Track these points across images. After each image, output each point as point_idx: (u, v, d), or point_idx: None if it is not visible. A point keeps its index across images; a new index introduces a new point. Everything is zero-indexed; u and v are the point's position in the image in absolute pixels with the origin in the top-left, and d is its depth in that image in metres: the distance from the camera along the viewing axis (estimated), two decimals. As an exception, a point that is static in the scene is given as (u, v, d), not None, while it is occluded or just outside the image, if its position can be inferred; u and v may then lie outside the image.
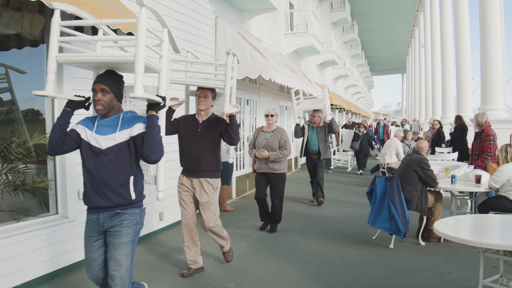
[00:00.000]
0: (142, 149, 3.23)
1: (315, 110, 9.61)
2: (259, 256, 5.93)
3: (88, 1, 4.00)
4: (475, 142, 7.70)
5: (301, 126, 9.65)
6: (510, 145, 6.17)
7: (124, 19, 4.42)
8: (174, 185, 5.38)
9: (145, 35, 3.02)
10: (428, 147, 7.94)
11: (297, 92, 10.16)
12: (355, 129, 16.97)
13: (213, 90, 5.00)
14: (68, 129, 3.38)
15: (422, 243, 6.39)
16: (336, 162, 17.55)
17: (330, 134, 9.90)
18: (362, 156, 15.70)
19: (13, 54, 5.22)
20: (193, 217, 5.15)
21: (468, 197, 7.35)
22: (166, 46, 3.50)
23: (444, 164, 8.33)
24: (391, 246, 6.25)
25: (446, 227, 4.04)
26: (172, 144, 5.36)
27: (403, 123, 22.67)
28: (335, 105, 22.91)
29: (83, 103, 3.46)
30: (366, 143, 15.67)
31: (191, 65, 5.50)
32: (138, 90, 2.96)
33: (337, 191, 11.43)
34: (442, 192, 6.81)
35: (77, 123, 3.42)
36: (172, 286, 4.89)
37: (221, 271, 5.34)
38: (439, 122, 13.80)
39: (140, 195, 3.44)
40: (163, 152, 3.34)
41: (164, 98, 3.37)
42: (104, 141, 3.28)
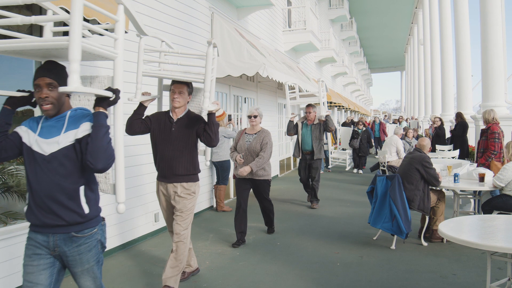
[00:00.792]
0: (86, 155, 2.61)
1: (310, 105, 9.03)
2: (257, 259, 5.75)
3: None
4: (481, 140, 7.52)
5: (294, 124, 9.09)
6: (515, 143, 6.00)
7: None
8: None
9: (81, 12, 2.34)
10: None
11: (292, 88, 9.74)
12: (354, 127, 16.58)
13: (190, 85, 4.53)
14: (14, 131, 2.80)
15: (425, 244, 6.22)
16: (334, 161, 17.16)
17: (326, 133, 9.51)
18: (363, 154, 15.34)
19: None
20: (171, 223, 4.74)
21: (472, 196, 7.17)
22: (121, 27, 2.96)
23: (447, 162, 8.15)
24: (393, 247, 6.07)
25: (452, 229, 3.86)
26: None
27: (400, 120, 22.50)
28: (334, 103, 22.75)
29: (29, 99, 2.89)
30: (366, 141, 15.34)
31: (172, 57, 5.01)
32: (72, 82, 2.38)
33: (337, 190, 11.26)
34: (445, 191, 6.62)
35: (21, 124, 2.83)
36: (166, 291, 4.71)
37: (217, 275, 5.16)
38: (440, 119, 13.62)
39: (96, 208, 2.84)
40: (113, 158, 2.72)
41: (117, 91, 2.80)
42: (47, 146, 2.68)
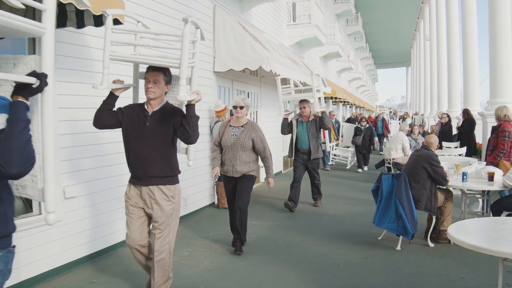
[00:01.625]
0: None
1: (303, 100, 8.39)
2: (257, 259, 5.56)
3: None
4: (491, 137, 7.29)
5: (289, 121, 8.46)
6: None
7: None
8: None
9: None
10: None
11: (286, 81, 9.04)
12: (357, 123, 16.09)
13: (167, 73, 3.92)
14: None
15: (431, 245, 6.02)
16: (335, 158, 16.24)
17: (323, 131, 9.04)
18: (366, 152, 14.75)
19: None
20: (142, 238, 4.05)
21: (480, 196, 6.96)
22: None
23: (454, 160, 7.93)
24: (398, 248, 5.88)
25: (461, 233, 3.66)
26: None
27: (405, 117, 22.19)
28: (339, 98, 22.51)
29: None
30: (369, 138, 14.78)
31: (148, 40, 4.08)
32: None
33: (340, 187, 11.06)
34: (452, 190, 6.41)
35: None
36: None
37: (216, 275, 4.98)
38: (448, 115, 13.41)
39: (6, 226, 2.26)
40: (33, 161, 2.19)
41: (42, 76, 2.28)
42: None
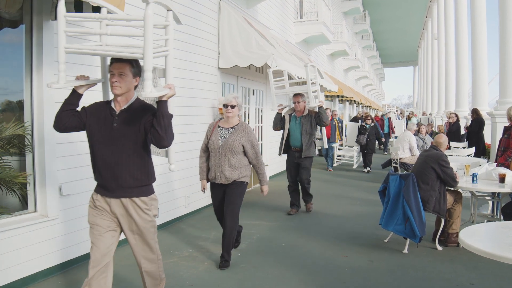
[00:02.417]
0: None
1: (298, 94, 7.69)
2: (259, 260, 5.39)
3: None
4: (503, 138, 7.06)
5: (282, 116, 7.83)
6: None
7: None
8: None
9: None
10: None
11: (279, 73, 8.43)
12: (362, 122, 15.61)
13: (134, 64, 3.33)
14: None
15: (439, 248, 5.82)
16: (339, 159, 15.89)
17: (321, 128, 8.27)
18: (369, 152, 14.12)
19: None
20: (108, 253, 3.38)
21: (490, 198, 6.75)
22: None
23: (464, 161, 7.72)
24: (405, 251, 5.69)
25: (473, 238, 3.46)
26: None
27: (410, 116, 21.90)
28: (346, 97, 22.29)
29: None
30: (374, 137, 14.31)
31: (111, 27, 3.73)
32: None
33: (346, 187, 10.87)
34: (462, 192, 6.21)
35: None
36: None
37: (216, 278, 4.82)
38: (456, 115, 13.19)
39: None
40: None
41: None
42: None
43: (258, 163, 5.24)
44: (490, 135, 11.15)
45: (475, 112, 11.76)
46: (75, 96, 3.39)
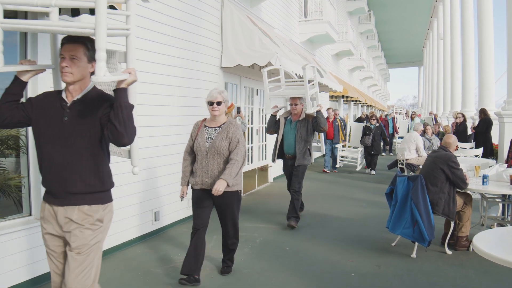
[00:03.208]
0: None
1: (294, 97, 6.97)
2: (263, 265, 5.21)
3: None
4: (515, 138, 6.88)
5: (277, 119, 7.22)
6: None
7: None
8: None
9: None
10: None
11: (274, 72, 7.82)
12: (366, 122, 15.06)
13: (90, 45, 2.72)
14: None
15: (449, 252, 5.63)
16: (343, 160, 15.08)
17: (318, 133, 7.52)
18: (375, 153, 13.63)
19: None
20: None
21: (500, 200, 6.55)
22: None
23: (473, 162, 7.52)
24: (413, 255, 5.49)
25: (488, 244, 3.27)
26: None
27: (412, 117, 21.61)
28: (351, 97, 22.09)
29: None
30: (379, 138, 13.69)
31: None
32: None
33: (351, 188, 10.67)
34: (472, 194, 6.01)
35: None
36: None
37: (218, 283, 4.65)
38: (463, 115, 12.99)
39: None
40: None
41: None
42: None
43: (232, 158, 4.40)
44: (498, 136, 10.97)
45: (483, 112, 11.56)
46: (18, 85, 2.84)
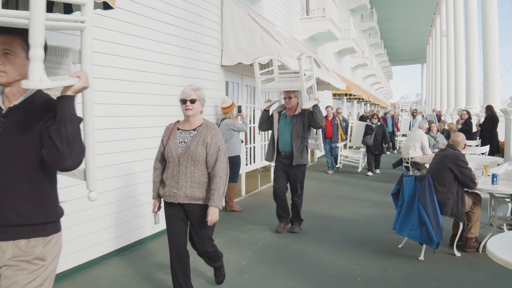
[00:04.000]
0: None
1: (289, 90, 6.34)
2: (265, 270, 5.03)
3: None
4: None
5: (270, 114, 6.62)
6: None
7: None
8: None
9: None
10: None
11: (266, 64, 7.23)
12: (368, 121, 14.35)
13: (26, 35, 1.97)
14: None
15: (458, 254, 5.44)
16: (344, 160, 14.18)
17: (316, 130, 6.88)
18: (378, 153, 13.10)
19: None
20: None
21: (510, 200, 6.35)
22: None
23: (482, 160, 7.33)
24: (421, 258, 5.31)
25: (503, 249, 3.09)
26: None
27: (414, 114, 21.36)
28: (354, 95, 21.89)
29: None
30: (381, 137, 13.04)
31: None
32: None
33: (355, 188, 10.48)
34: (481, 194, 5.82)
35: None
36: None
37: (219, 289, 4.49)
38: (468, 112, 12.79)
39: None
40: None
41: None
42: None
43: (215, 175, 3.77)
44: (504, 133, 10.78)
45: (489, 109, 11.40)
46: None
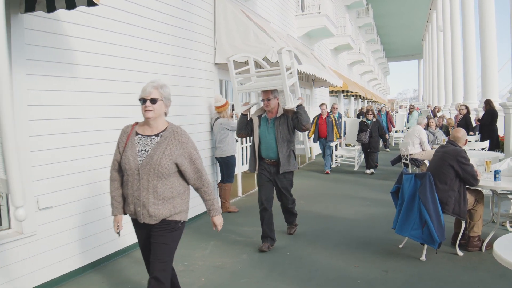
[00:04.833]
0: None
1: (267, 90, 5.55)
2: (262, 274, 4.86)
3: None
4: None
5: (249, 118, 5.80)
6: None
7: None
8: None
9: None
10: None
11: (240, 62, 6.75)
12: (363, 117, 13.95)
13: None
14: None
15: (460, 253, 5.28)
16: (338, 160, 13.92)
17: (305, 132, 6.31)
18: (373, 151, 12.51)
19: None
20: None
21: (513, 196, 6.19)
22: None
23: (483, 156, 7.16)
24: (423, 258, 5.14)
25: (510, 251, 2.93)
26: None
27: (410, 110, 21.16)
28: (351, 92, 21.73)
29: None
30: (377, 134, 12.58)
31: None
32: None
33: (354, 186, 10.31)
34: (483, 191, 5.65)
35: None
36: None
37: (214, 296, 4.32)
38: (466, 107, 12.63)
39: None
40: None
41: None
42: None
43: (203, 185, 3.35)
44: (503, 128, 10.63)
45: (488, 103, 11.21)
46: None
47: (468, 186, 5.32)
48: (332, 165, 13.00)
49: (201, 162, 3.32)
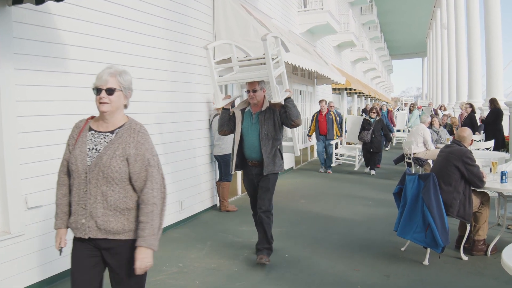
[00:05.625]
0: None
1: (252, 82, 4.92)
2: (259, 277, 4.68)
3: None
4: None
5: (231, 113, 5.16)
6: None
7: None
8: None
9: None
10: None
11: (224, 50, 6.23)
12: (365, 115, 13.53)
13: None
14: None
15: (464, 258, 5.09)
16: (339, 158, 13.53)
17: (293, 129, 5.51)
18: (375, 151, 12.03)
19: None
20: None
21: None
22: None
23: (489, 157, 6.97)
24: (426, 263, 4.96)
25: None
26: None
27: (411, 109, 20.90)
28: (354, 90, 21.52)
29: None
30: (380, 134, 12.06)
31: None
32: None
33: (355, 185, 10.13)
34: (489, 193, 5.46)
35: None
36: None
37: (208, 300, 4.15)
38: (471, 106, 12.42)
39: None
40: None
41: None
42: None
43: (143, 201, 2.57)
44: (508, 127, 10.46)
45: (493, 102, 11.01)
46: None
47: (474, 188, 5.14)
48: (333, 164, 12.66)
49: (157, 172, 2.63)
